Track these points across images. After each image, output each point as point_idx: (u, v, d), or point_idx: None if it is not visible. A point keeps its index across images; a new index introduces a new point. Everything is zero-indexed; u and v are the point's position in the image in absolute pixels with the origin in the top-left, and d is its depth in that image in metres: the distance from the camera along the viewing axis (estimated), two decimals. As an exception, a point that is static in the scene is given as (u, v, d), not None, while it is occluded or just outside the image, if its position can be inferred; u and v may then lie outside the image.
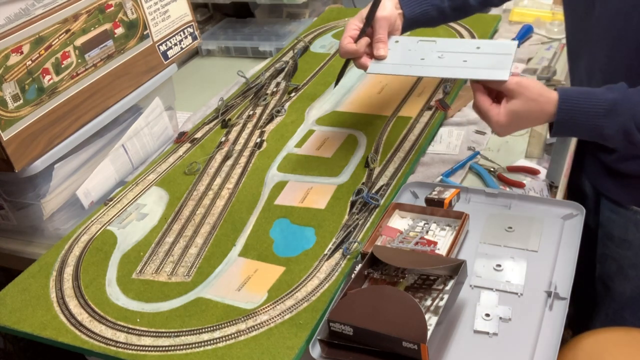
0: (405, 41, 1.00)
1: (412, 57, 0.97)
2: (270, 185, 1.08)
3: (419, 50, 0.98)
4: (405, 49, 0.98)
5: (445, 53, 0.96)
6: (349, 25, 0.99)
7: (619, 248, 1.06)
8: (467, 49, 0.95)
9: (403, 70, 0.96)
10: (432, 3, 1.03)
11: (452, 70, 0.93)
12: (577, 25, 1.00)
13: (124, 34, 1.12)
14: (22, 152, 0.95)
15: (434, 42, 0.98)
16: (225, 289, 0.88)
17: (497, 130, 0.89)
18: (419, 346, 0.68)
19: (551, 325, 0.76)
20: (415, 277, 0.81)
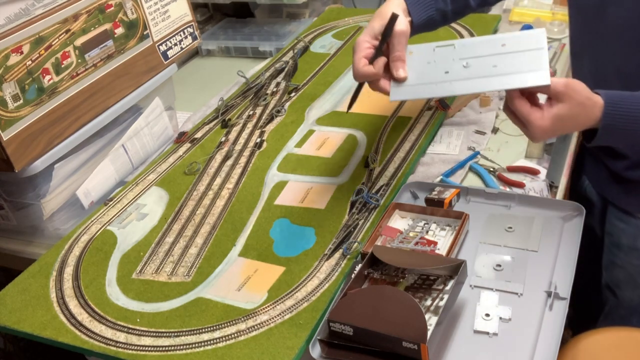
0: (420, 51, 0.89)
1: (435, 72, 0.87)
2: (270, 185, 1.08)
3: (440, 61, 0.87)
4: (423, 61, 0.88)
5: (469, 60, 0.86)
6: (360, 43, 0.88)
7: (628, 257, 1.05)
8: (491, 50, 0.85)
9: (430, 91, 0.86)
10: (436, 7, 0.97)
11: (484, 81, 0.83)
12: (585, 26, 0.97)
13: (124, 34, 1.12)
14: (22, 152, 0.95)
15: (452, 47, 0.88)
16: (225, 289, 0.88)
17: (537, 135, 0.81)
18: (419, 346, 0.68)
19: (551, 325, 0.76)
20: (415, 277, 0.81)
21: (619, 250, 1.06)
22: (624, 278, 1.07)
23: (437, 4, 0.96)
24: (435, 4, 0.95)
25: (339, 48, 1.52)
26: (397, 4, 0.92)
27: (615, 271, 1.09)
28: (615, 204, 1.05)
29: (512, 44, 0.84)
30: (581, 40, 1.00)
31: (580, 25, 0.99)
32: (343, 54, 1.50)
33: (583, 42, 1.00)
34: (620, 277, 1.08)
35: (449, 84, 0.85)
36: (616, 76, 0.93)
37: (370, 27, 0.89)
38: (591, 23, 0.95)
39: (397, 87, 0.88)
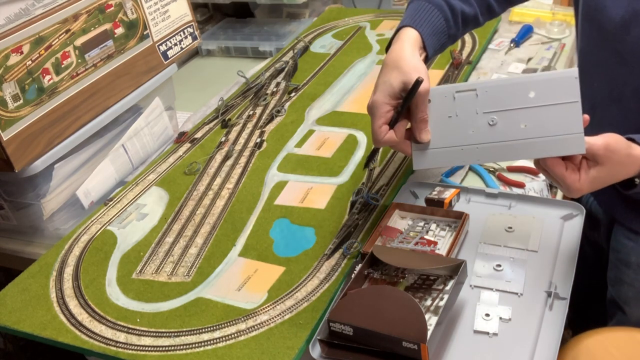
0: (439, 98, 0.81)
1: (459, 131, 0.80)
2: (270, 185, 1.08)
3: (462, 115, 0.80)
4: (443, 114, 0.81)
5: (494, 114, 0.79)
6: (380, 106, 0.80)
7: (637, 274, 1.05)
8: (518, 101, 0.78)
9: (456, 158, 0.81)
10: (449, 34, 0.91)
11: (515, 148, 0.78)
12: (603, 44, 0.93)
13: (124, 34, 1.12)
14: (22, 152, 0.95)
15: (474, 94, 0.80)
16: (225, 289, 0.88)
17: (573, 194, 0.78)
18: (419, 346, 0.68)
19: (551, 325, 0.76)
20: (415, 277, 0.81)
21: (627, 268, 1.06)
22: (634, 295, 1.07)
23: (450, 30, 0.91)
24: (447, 30, 0.90)
25: (339, 48, 1.52)
26: (412, 43, 0.84)
27: (623, 288, 1.08)
28: (624, 223, 1.04)
29: (541, 93, 0.77)
30: (596, 57, 0.95)
31: (597, 42, 0.94)
32: (343, 54, 1.50)
33: (598, 60, 0.95)
34: (629, 295, 1.07)
35: (476, 149, 0.79)
36: (633, 95, 0.91)
37: (388, 85, 0.80)
38: (610, 42, 0.91)
39: (420, 153, 0.82)
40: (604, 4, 0.89)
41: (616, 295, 1.10)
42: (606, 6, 0.89)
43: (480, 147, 0.79)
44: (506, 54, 1.44)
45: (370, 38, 1.56)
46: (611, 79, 0.93)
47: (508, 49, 1.45)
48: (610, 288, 1.11)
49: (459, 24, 0.92)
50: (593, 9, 0.92)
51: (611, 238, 1.09)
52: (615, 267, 1.09)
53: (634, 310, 1.08)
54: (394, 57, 0.82)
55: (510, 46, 1.46)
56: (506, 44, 1.47)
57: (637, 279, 1.05)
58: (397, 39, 0.85)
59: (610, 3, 0.88)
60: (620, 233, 1.06)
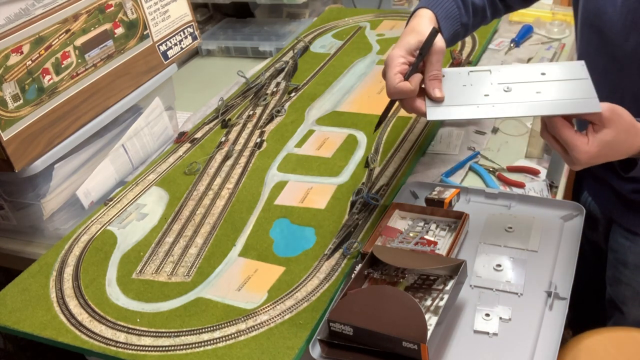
0: (453, 75, 0.84)
1: (473, 95, 0.82)
2: (270, 185, 1.08)
3: (476, 84, 0.83)
4: (457, 84, 0.83)
5: (509, 85, 0.82)
6: (395, 58, 0.83)
7: (634, 274, 1.05)
8: (531, 77, 0.82)
9: (472, 112, 0.81)
10: (461, 22, 0.93)
11: (532, 106, 0.79)
12: (602, 49, 0.93)
13: (124, 34, 1.12)
14: (22, 152, 0.95)
15: (488, 72, 0.84)
16: (225, 289, 0.88)
17: (583, 161, 0.76)
18: (419, 346, 0.68)
19: (551, 325, 0.76)
20: (415, 277, 0.81)
21: (624, 267, 1.06)
22: (631, 295, 1.07)
23: (462, 18, 0.93)
24: (460, 18, 0.92)
25: (339, 48, 1.52)
26: (429, 18, 0.87)
27: (621, 288, 1.08)
28: (622, 224, 1.05)
29: (552, 73, 0.82)
30: (595, 62, 0.94)
31: (596, 47, 0.95)
32: (343, 54, 1.50)
33: (597, 64, 0.94)
34: (627, 295, 1.07)
35: (493, 107, 0.80)
36: (633, 100, 0.90)
37: (404, 42, 0.83)
38: (609, 47, 0.91)
39: (434, 106, 0.82)
40: (604, 9, 0.89)
41: (614, 295, 1.10)
42: (606, 12, 0.89)
43: (496, 106, 0.81)
44: (506, 54, 1.44)
45: (370, 38, 1.56)
46: (611, 83, 0.93)
47: (508, 49, 1.45)
48: (609, 288, 1.11)
49: (470, 13, 0.95)
50: (593, 14, 0.92)
51: (609, 238, 1.09)
52: (613, 267, 1.09)
53: (632, 310, 1.08)
54: (412, 25, 0.86)
55: (510, 46, 1.46)
56: (506, 44, 1.47)
57: (634, 279, 1.05)
58: (415, 15, 0.89)
59: (610, 9, 0.88)
60: (618, 233, 1.06)
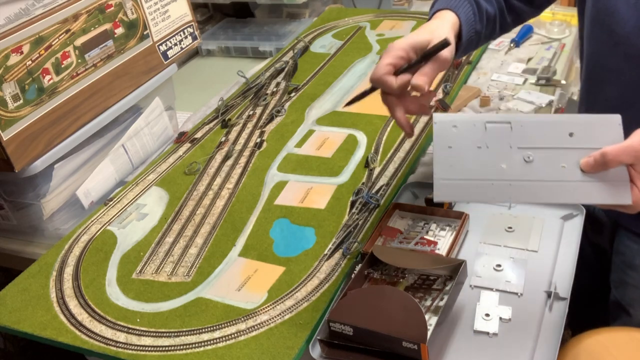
0: (466, 126, 0.74)
1: (489, 164, 0.72)
2: (270, 185, 1.08)
3: (493, 147, 0.72)
4: (471, 143, 0.73)
5: (530, 151, 0.71)
6: (395, 50, 0.78)
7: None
8: (556, 139, 0.71)
9: (485, 192, 0.71)
10: (475, 29, 0.90)
11: (554, 189, 0.70)
12: (610, 49, 0.91)
13: (124, 34, 1.12)
14: (22, 152, 0.95)
15: (508, 127, 0.73)
16: (225, 289, 0.88)
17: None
18: (419, 346, 0.68)
19: (551, 325, 0.76)
20: (415, 277, 0.81)
21: (632, 270, 1.05)
22: (639, 297, 1.07)
23: (476, 24, 0.90)
24: (474, 25, 0.89)
25: (339, 48, 1.52)
26: (451, 25, 0.84)
27: (628, 290, 1.08)
28: (630, 229, 1.04)
29: (582, 134, 0.71)
30: (607, 62, 0.93)
31: (608, 46, 0.92)
32: (343, 54, 1.50)
33: (609, 64, 0.93)
34: (635, 297, 1.07)
35: (509, 186, 0.71)
36: None
37: (414, 37, 0.79)
38: (622, 46, 0.89)
39: (443, 182, 0.73)
40: (614, 7, 0.88)
41: (620, 298, 1.10)
42: (617, 10, 0.88)
43: (514, 185, 0.71)
44: (506, 54, 1.44)
45: (370, 38, 1.56)
46: (623, 83, 0.92)
47: (508, 49, 1.45)
48: (614, 290, 1.11)
49: (484, 20, 0.92)
50: (603, 13, 0.90)
51: (615, 241, 1.09)
52: (619, 270, 1.08)
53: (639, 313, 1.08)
54: (433, 26, 0.82)
55: (510, 46, 1.46)
56: (506, 44, 1.47)
57: None
58: (438, 16, 0.85)
59: (622, 7, 0.87)
60: (625, 236, 1.05)
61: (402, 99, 0.81)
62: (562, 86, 1.28)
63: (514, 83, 1.31)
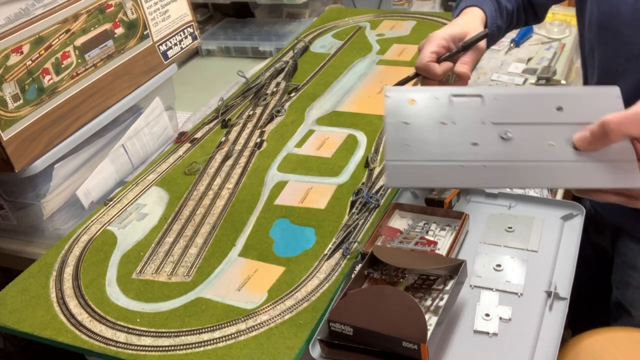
0: (428, 100, 0.62)
1: (457, 142, 0.59)
2: (270, 185, 1.08)
3: (462, 122, 0.60)
4: (433, 119, 0.62)
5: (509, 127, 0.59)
6: (437, 39, 0.83)
7: None
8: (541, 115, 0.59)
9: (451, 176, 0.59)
10: (497, 24, 0.94)
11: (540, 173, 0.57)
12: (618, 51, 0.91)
13: (124, 34, 1.12)
14: (22, 152, 0.95)
15: (479, 100, 0.60)
16: (225, 289, 0.88)
17: None
18: (419, 346, 0.68)
19: (551, 325, 0.76)
20: (415, 277, 0.81)
21: (633, 271, 1.05)
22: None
23: (497, 20, 0.95)
24: (496, 20, 0.94)
25: (339, 48, 1.52)
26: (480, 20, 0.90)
27: (629, 291, 1.08)
28: (634, 234, 1.04)
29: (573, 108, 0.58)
30: (614, 64, 0.93)
31: (613, 48, 0.92)
32: (343, 54, 1.50)
33: (616, 65, 0.92)
34: (636, 298, 1.07)
35: (483, 167, 0.58)
36: None
37: (450, 30, 0.84)
38: (628, 46, 0.90)
39: (397, 165, 0.60)
40: (617, 8, 0.89)
41: (621, 298, 1.10)
42: (620, 11, 0.88)
43: (489, 166, 0.58)
44: (506, 54, 1.44)
45: (370, 38, 1.56)
46: (633, 82, 0.91)
47: (508, 49, 1.45)
48: (616, 291, 1.11)
49: (504, 16, 0.96)
50: (608, 15, 0.91)
51: (617, 241, 1.09)
52: (621, 270, 1.08)
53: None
54: (464, 21, 0.88)
55: (510, 46, 1.46)
56: (506, 44, 1.47)
57: None
58: (466, 12, 0.91)
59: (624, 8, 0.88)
60: (627, 237, 1.05)
61: (441, 85, 0.85)
62: (562, 86, 1.28)
63: (514, 83, 1.31)
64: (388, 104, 0.65)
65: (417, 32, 1.54)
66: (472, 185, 0.57)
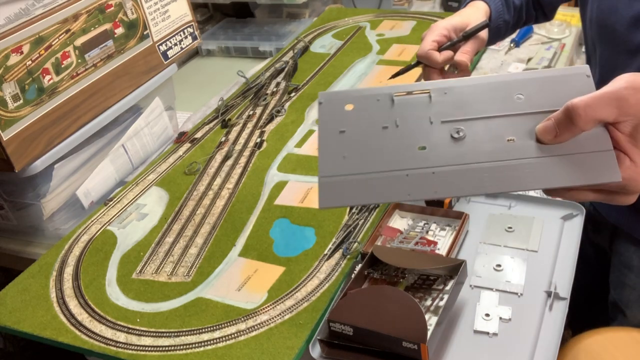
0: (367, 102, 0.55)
1: (400, 147, 0.53)
2: (270, 185, 1.08)
3: (406, 125, 0.53)
4: (374, 124, 0.54)
5: (460, 124, 0.52)
6: (438, 29, 0.86)
7: (639, 278, 1.04)
8: (498, 105, 0.51)
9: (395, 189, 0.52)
10: (504, 19, 0.96)
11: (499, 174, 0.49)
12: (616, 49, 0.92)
13: (124, 34, 1.12)
14: (22, 152, 0.95)
15: (425, 97, 0.54)
16: (225, 289, 0.88)
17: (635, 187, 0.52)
18: (419, 346, 0.68)
19: (551, 325, 0.76)
20: (415, 277, 0.81)
21: (629, 271, 1.05)
22: (635, 299, 1.07)
23: (504, 15, 0.97)
24: (503, 15, 0.96)
25: (339, 48, 1.52)
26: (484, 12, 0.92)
27: (625, 291, 1.08)
28: (630, 233, 1.04)
29: (535, 95, 0.51)
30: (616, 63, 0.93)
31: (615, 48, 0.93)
32: (343, 54, 1.50)
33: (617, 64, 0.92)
34: (631, 298, 1.07)
35: (432, 174, 0.51)
36: None
37: (452, 20, 0.88)
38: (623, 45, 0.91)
39: (333, 181, 0.53)
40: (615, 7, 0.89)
41: (617, 298, 1.10)
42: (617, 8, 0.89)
43: (438, 173, 0.51)
44: (506, 54, 1.44)
45: (370, 38, 1.56)
46: None
47: (508, 49, 1.45)
48: (612, 291, 1.11)
49: (511, 11, 0.98)
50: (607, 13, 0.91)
51: (614, 241, 1.09)
52: (617, 270, 1.09)
53: (636, 314, 1.08)
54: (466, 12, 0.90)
55: (510, 46, 1.46)
56: (506, 44, 1.47)
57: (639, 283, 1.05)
58: (472, 5, 0.93)
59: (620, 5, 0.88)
60: (624, 237, 1.05)
61: (441, 74, 0.88)
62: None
63: (514, 83, 1.31)
64: (322, 112, 0.57)
65: (417, 32, 1.54)
66: (421, 196, 0.50)
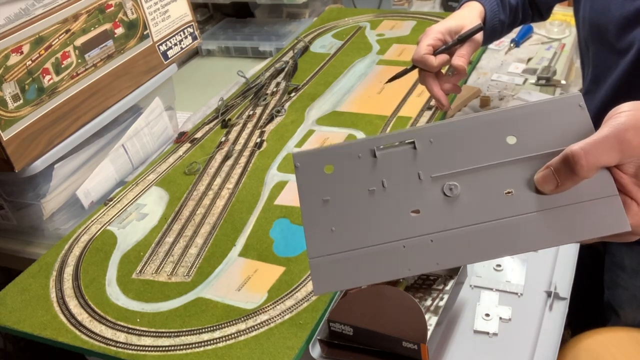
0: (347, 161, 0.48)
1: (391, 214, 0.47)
2: (270, 185, 1.08)
3: (393, 184, 0.47)
4: (359, 187, 0.48)
5: (453, 178, 0.47)
6: (433, 33, 0.88)
7: (632, 278, 1.05)
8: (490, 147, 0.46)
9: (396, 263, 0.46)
10: (499, 18, 0.97)
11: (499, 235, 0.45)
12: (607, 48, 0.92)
13: (124, 34, 1.12)
14: (22, 152, 0.95)
15: (409, 148, 0.48)
16: (225, 289, 0.88)
17: None
18: (419, 346, 0.68)
19: (551, 325, 0.76)
20: (415, 277, 0.81)
21: (622, 271, 1.06)
22: (627, 299, 1.07)
23: (499, 15, 0.97)
24: (498, 15, 0.97)
25: (339, 48, 1.52)
26: (478, 13, 0.93)
27: (618, 291, 1.08)
28: None
29: (526, 135, 0.46)
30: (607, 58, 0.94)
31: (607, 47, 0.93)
32: (343, 54, 1.50)
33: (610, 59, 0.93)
34: (624, 298, 1.07)
35: (429, 244, 0.45)
36: None
37: (447, 23, 0.89)
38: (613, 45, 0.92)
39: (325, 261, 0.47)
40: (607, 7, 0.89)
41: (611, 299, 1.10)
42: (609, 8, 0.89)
43: (437, 240, 0.45)
44: (506, 54, 1.44)
45: (370, 38, 1.56)
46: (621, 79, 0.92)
47: (508, 49, 1.45)
48: (607, 291, 1.11)
49: (507, 10, 0.99)
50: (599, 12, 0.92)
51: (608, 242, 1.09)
52: (610, 270, 1.09)
53: (628, 314, 1.08)
54: (461, 14, 0.91)
55: (510, 46, 1.46)
56: (506, 44, 1.47)
57: (632, 283, 1.05)
58: (466, 6, 0.94)
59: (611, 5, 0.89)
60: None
61: (438, 78, 0.90)
62: (562, 86, 1.28)
63: (514, 83, 1.31)
64: (300, 177, 0.49)
65: (417, 32, 1.54)
66: (422, 270, 0.45)
